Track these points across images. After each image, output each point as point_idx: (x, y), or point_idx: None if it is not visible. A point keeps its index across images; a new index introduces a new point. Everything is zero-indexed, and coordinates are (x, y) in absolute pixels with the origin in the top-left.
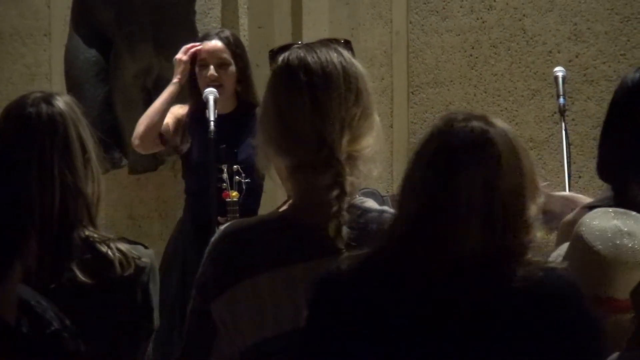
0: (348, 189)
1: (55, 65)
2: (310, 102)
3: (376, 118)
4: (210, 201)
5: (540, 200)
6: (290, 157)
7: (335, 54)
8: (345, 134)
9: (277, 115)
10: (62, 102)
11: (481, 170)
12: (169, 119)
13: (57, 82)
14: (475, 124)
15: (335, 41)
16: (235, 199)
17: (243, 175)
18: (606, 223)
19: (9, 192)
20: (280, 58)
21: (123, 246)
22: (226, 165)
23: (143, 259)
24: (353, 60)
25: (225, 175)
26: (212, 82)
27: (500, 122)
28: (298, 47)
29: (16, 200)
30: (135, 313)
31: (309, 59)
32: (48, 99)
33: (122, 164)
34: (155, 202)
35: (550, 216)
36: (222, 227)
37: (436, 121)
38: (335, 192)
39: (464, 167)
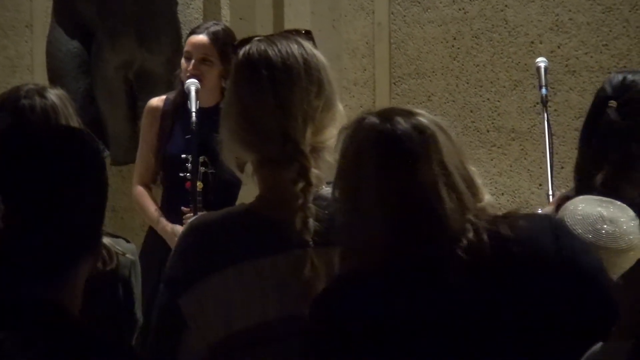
0: (314, 181)
1: (37, 57)
2: (272, 96)
3: (340, 108)
4: (191, 192)
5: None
6: (255, 151)
7: (297, 46)
8: (309, 126)
9: (240, 110)
10: (54, 95)
11: (430, 155)
12: (152, 118)
13: (38, 74)
14: (400, 120)
15: (296, 32)
16: (199, 189)
17: (209, 166)
18: (590, 210)
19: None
20: (241, 52)
21: (106, 240)
22: (191, 156)
23: (126, 254)
24: (314, 51)
25: (189, 165)
26: (192, 76)
27: (414, 109)
28: (259, 40)
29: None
30: (117, 308)
31: (270, 52)
32: (41, 91)
33: (104, 156)
34: None
35: None
36: (189, 221)
37: (350, 131)
38: (300, 185)
39: (416, 160)
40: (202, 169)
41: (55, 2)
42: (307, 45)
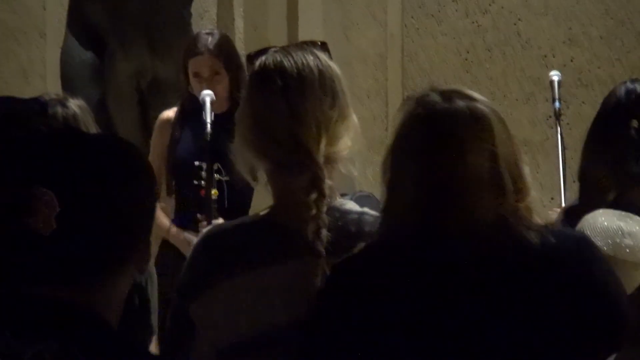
0: (327, 192)
1: (50, 65)
2: (287, 105)
3: (354, 119)
4: (206, 203)
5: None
6: (268, 160)
7: (312, 57)
8: (323, 136)
9: (254, 119)
10: (75, 105)
11: (481, 144)
12: (164, 130)
13: (51, 82)
14: (460, 103)
15: (312, 44)
16: (214, 197)
17: (223, 173)
18: (610, 223)
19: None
20: (257, 62)
21: None
22: (205, 163)
23: None
24: (330, 62)
25: (204, 173)
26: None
27: (477, 95)
28: (275, 51)
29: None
30: (133, 317)
31: (285, 62)
32: (63, 101)
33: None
34: None
35: None
36: (204, 231)
37: (411, 104)
38: (314, 195)
39: (466, 144)
40: (216, 176)
41: (69, 11)
42: (323, 56)
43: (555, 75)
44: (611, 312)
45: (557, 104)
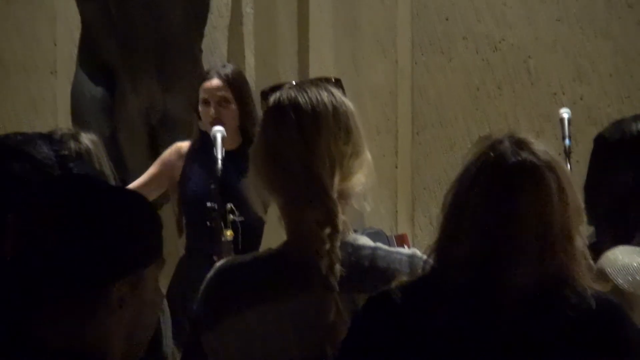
0: (341, 226)
1: (60, 100)
2: (302, 140)
3: (368, 156)
4: (213, 242)
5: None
6: (282, 194)
7: (326, 93)
8: (337, 172)
9: (268, 154)
10: (88, 140)
11: (536, 202)
12: (174, 158)
13: (62, 117)
14: (526, 156)
15: (326, 80)
16: (229, 239)
17: (237, 213)
18: (629, 260)
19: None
20: (272, 98)
21: None
22: (217, 205)
23: None
24: (344, 99)
25: (215, 214)
26: (214, 120)
27: (545, 153)
28: (289, 87)
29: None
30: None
31: (300, 98)
32: (76, 136)
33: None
34: None
35: None
36: (216, 264)
37: (482, 147)
38: (327, 230)
39: (521, 200)
40: (230, 216)
41: (80, 46)
42: (337, 92)
43: (565, 113)
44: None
45: (567, 141)
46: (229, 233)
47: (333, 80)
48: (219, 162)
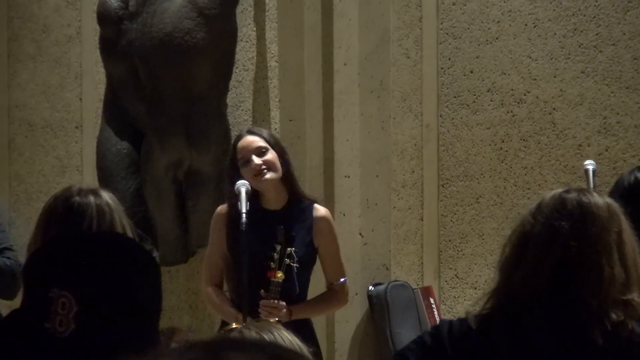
0: None
1: (86, 157)
2: None
3: None
4: (241, 295)
5: None
6: None
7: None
8: None
9: None
10: (107, 195)
11: (610, 238)
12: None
13: (88, 175)
14: (597, 198)
15: None
16: (279, 280)
17: (295, 259)
18: None
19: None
20: None
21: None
22: (280, 246)
23: None
24: None
25: (276, 255)
26: (261, 170)
27: (599, 199)
28: None
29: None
30: None
31: None
32: (95, 191)
33: (153, 256)
34: (185, 293)
35: None
36: None
37: (548, 205)
38: None
39: (593, 237)
40: (286, 260)
41: (106, 103)
42: None
43: (590, 165)
44: None
45: None
46: (279, 274)
47: None
48: (244, 216)
